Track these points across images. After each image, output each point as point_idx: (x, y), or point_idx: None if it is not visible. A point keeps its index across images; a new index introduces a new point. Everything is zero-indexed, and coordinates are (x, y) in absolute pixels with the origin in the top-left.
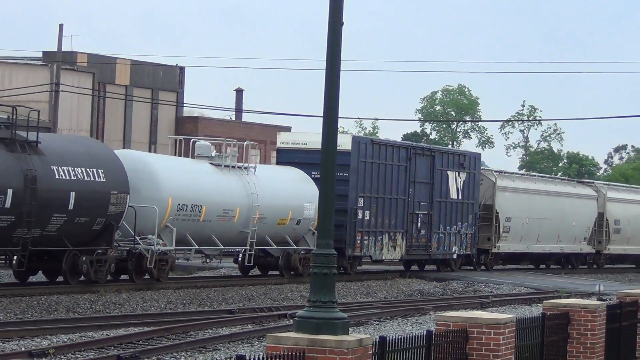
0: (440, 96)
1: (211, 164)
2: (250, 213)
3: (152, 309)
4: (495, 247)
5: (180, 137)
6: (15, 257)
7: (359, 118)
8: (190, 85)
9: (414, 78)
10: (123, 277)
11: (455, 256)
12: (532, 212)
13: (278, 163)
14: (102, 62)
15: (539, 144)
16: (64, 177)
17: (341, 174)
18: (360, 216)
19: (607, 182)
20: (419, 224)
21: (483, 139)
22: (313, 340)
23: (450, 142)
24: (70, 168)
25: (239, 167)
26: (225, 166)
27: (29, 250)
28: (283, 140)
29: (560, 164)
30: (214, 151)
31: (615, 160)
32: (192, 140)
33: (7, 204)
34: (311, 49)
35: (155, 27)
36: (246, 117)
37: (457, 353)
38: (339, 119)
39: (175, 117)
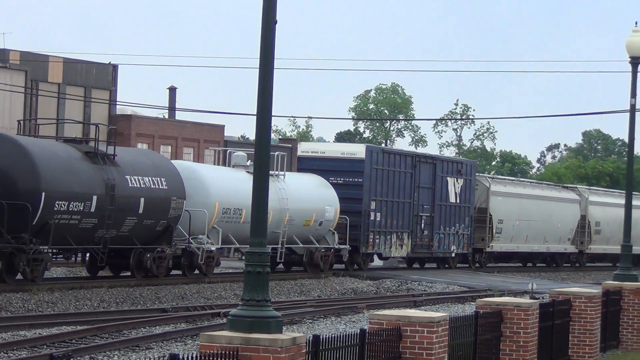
0: (374, 95)
1: (247, 172)
2: (281, 216)
3: (85, 308)
4: (488, 247)
5: (219, 149)
6: (87, 255)
7: (292, 117)
8: (123, 83)
9: (347, 77)
10: (175, 272)
11: (453, 254)
12: (522, 214)
13: (299, 170)
14: (34, 59)
15: (472, 142)
16: (135, 185)
17: (356, 180)
18: (372, 217)
19: (588, 187)
20: (423, 224)
21: (416, 137)
22: (246, 339)
23: (384, 141)
24: (140, 177)
25: (270, 175)
26: None
27: (107, 248)
28: (303, 149)
29: (494, 163)
30: (249, 161)
31: (548, 159)
32: (228, 151)
33: (92, 208)
34: (245, 48)
35: (88, 25)
36: (180, 116)
37: (391, 352)
38: (273, 118)
39: (108, 115)
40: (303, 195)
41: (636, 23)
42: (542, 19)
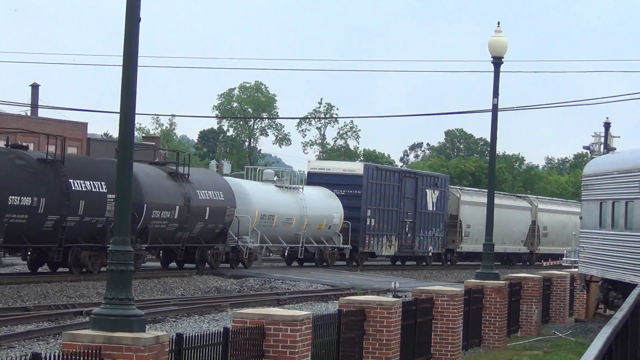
0: (238, 93)
1: (276, 185)
2: (301, 221)
3: None
4: (458, 248)
5: (251, 167)
6: (161, 252)
7: (156, 114)
8: None
9: (211, 75)
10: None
11: (430, 254)
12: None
13: (308, 183)
14: None
15: (335, 141)
16: (204, 198)
17: (356, 192)
18: (368, 222)
19: (537, 196)
20: (407, 229)
21: (280, 136)
22: (109, 338)
23: (247, 140)
24: (206, 191)
25: (293, 188)
26: (285, 187)
27: (185, 246)
28: (312, 166)
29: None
30: (275, 177)
31: (411, 158)
32: (258, 169)
33: (175, 216)
34: (109, 45)
35: None
36: (42, 113)
37: (254, 350)
38: (136, 115)
39: None
40: (317, 205)
41: (499, 23)
42: (407, 19)
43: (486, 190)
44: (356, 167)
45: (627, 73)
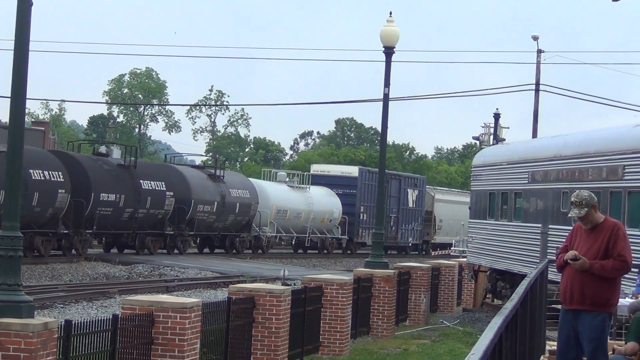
0: (128, 79)
1: (288, 185)
2: (309, 215)
3: None
4: (433, 239)
5: (266, 170)
6: (198, 240)
7: (45, 99)
8: None
9: (101, 60)
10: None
11: (410, 244)
12: (454, 216)
13: (312, 184)
14: None
15: (226, 128)
16: (235, 195)
17: (352, 191)
18: (361, 217)
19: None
20: (392, 222)
21: (170, 123)
22: None
23: (138, 126)
24: (236, 190)
25: (301, 188)
26: (295, 187)
27: (220, 234)
28: (315, 169)
29: (247, 149)
30: (287, 178)
31: (301, 146)
32: (272, 171)
33: (214, 210)
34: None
35: None
36: None
37: (143, 337)
38: (27, 100)
39: None
40: (321, 202)
41: (390, 13)
42: (299, 7)
43: (456, 190)
44: (352, 171)
45: (517, 65)
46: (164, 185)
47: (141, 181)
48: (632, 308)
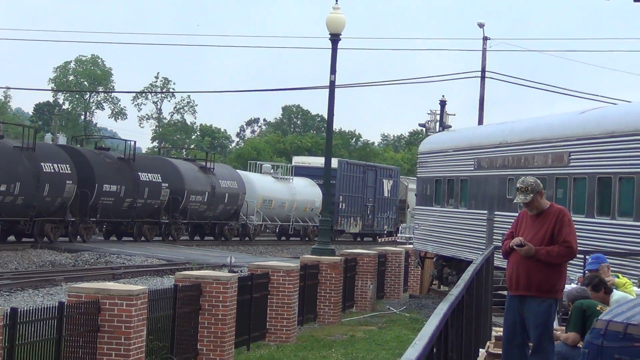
0: (74, 66)
1: (272, 177)
2: (292, 204)
3: None
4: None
5: (252, 162)
6: (189, 228)
7: None
8: None
9: (47, 47)
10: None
11: (385, 232)
12: None
13: (295, 175)
14: None
15: (172, 116)
16: (224, 186)
17: (332, 182)
18: (340, 207)
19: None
20: (369, 211)
21: (116, 110)
22: None
23: (83, 113)
24: (225, 181)
25: (285, 179)
26: (279, 178)
27: (210, 222)
28: (296, 161)
29: (194, 137)
30: (272, 170)
31: (248, 133)
32: (258, 163)
33: (205, 199)
34: None
35: None
36: None
37: (90, 324)
38: None
39: None
40: (303, 192)
41: (337, 1)
42: None
43: None
44: (332, 163)
45: (463, 52)
46: (160, 177)
47: (139, 173)
48: (571, 296)
